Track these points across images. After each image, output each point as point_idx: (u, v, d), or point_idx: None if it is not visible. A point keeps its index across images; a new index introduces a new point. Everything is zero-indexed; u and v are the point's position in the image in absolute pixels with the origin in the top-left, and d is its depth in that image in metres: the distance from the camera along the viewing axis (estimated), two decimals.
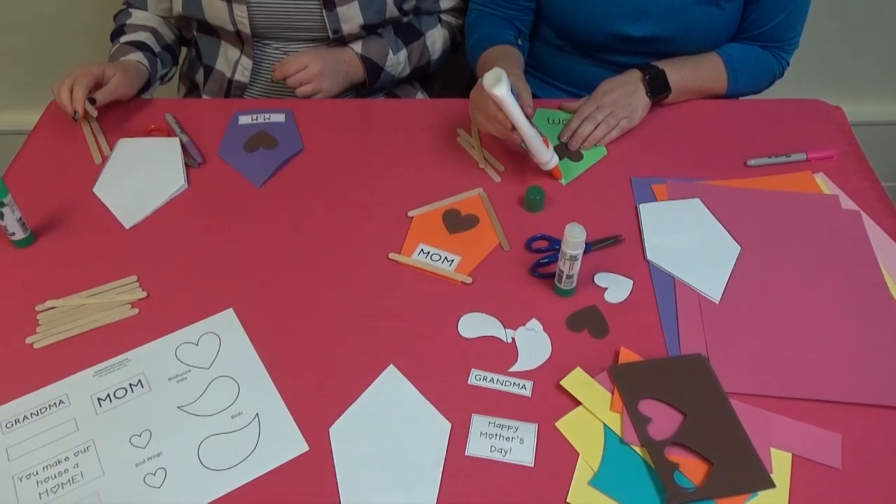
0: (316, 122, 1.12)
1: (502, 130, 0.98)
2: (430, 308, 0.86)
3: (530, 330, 0.83)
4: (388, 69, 1.22)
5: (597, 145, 1.07)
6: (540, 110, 1.13)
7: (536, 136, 0.97)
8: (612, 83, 1.10)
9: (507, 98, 0.92)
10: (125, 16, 1.23)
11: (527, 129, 0.95)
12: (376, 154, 1.07)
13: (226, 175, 1.04)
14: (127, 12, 1.23)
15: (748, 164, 1.03)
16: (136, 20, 1.22)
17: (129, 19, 1.22)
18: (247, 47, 1.18)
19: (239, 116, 1.12)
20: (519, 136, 0.96)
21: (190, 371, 0.80)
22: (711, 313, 0.85)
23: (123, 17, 1.23)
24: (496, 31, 1.18)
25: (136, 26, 1.21)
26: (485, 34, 1.19)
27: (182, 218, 0.97)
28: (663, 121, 1.11)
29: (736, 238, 0.93)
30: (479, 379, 0.79)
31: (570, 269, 0.83)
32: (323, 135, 1.10)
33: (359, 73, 1.21)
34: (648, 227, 0.95)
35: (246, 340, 0.82)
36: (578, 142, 1.07)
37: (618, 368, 0.78)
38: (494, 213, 0.98)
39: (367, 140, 1.09)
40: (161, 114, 1.13)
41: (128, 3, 1.24)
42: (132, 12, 1.23)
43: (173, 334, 0.83)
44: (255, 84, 1.24)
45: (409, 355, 0.81)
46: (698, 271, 0.89)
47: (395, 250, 0.92)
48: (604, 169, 1.04)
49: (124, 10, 1.24)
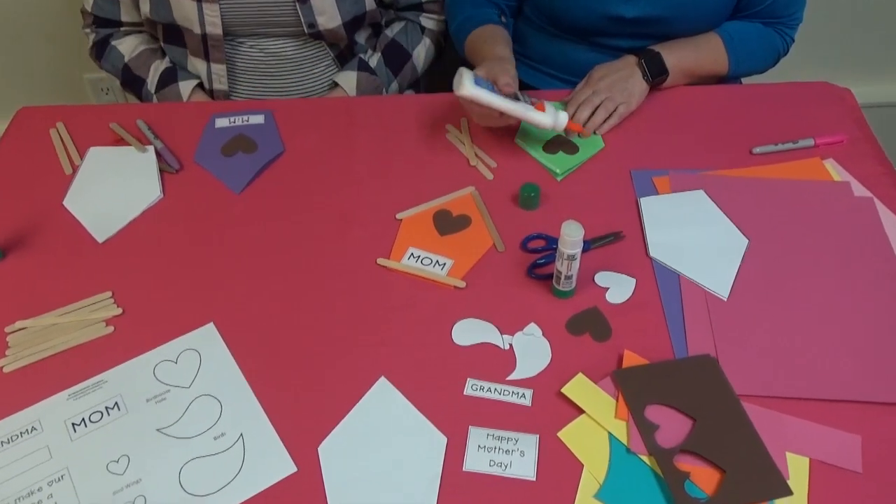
0: (297, 123, 1.11)
1: (496, 120, 1.00)
2: (422, 315, 0.85)
3: (528, 335, 0.83)
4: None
5: (595, 133, 1.06)
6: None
7: (526, 107, 0.98)
8: (607, 68, 1.10)
9: (475, 93, 0.94)
10: (99, 36, 1.24)
11: (514, 109, 0.97)
12: (361, 154, 1.06)
13: (203, 182, 1.03)
14: (99, 33, 1.24)
15: (754, 151, 1.03)
16: (124, 39, 1.24)
17: (116, 40, 1.24)
18: (214, 52, 1.18)
19: (216, 119, 1.12)
20: (511, 117, 0.98)
21: (169, 391, 0.79)
22: (719, 311, 0.84)
23: (102, 43, 1.24)
24: (478, 13, 1.19)
25: (133, 40, 1.23)
26: (467, 16, 1.19)
27: (158, 229, 0.97)
28: (663, 108, 1.11)
29: (743, 231, 0.92)
30: (476, 389, 0.78)
31: (568, 269, 0.82)
32: (304, 135, 1.09)
33: None
34: (650, 222, 0.94)
35: (228, 356, 0.82)
36: (576, 127, 1.06)
37: (622, 373, 0.78)
38: (487, 212, 0.97)
39: (351, 140, 1.09)
40: (132, 119, 1.12)
41: (98, 23, 1.24)
42: (112, 37, 1.24)
43: (151, 352, 0.82)
44: (235, 88, 1.24)
45: (401, 366, 0.80)
46: (704, 267, 0.88)
47: (384, 255, 0.92)
48: (601, 162, 1.04)
49: (94, 31, 1.25)
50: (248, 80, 1.24)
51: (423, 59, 1.30)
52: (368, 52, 1.26)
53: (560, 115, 1.01)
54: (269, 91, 1.25)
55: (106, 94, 1.86)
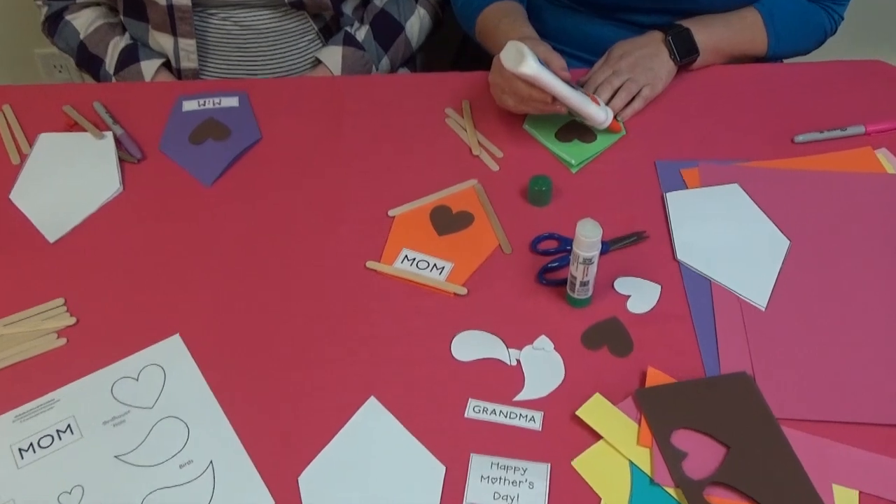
0: (276, 106, 1.11)
1: (542, 107, 1.00)
2: (418, 326, 0.85)
3: (539, 349, 0.83)
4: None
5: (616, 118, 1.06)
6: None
7: (583, 98, 1.00)
8: (629, 45, 1.10)
9: (539, 73, 0.94)
10: (52, 9, 1.24)
11: (572, 97, 0.98)
12: (349, 142, 1.06)
13: (169, 173, 1.03)
14: (52, 5, 1.24)
15: (796, 140, 1.03)
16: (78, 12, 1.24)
17: (70, 14, 1.24)
18: (182, 25, 1.18)
19: (183, 102, 1.12)
20: (563, 105, 0.99)
21: (129, 412, 0.79)
22: (757, 323, 0.84)
23: (55, 17, 1.24)
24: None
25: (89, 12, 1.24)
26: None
27: (117, 227, 0.97)
28: (692, 91, 1.11)
29: (784, 231, 0.92)
30: (479, 411, 0.78)
31: (584, 274, 0.82)
32: (284, 120, 1.09)
33: None
34: (678, 221, 0.94)
35: (196, 373, 0.82)
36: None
37: (645, 393, 0.78)
38: (492, 208, 0.97)
39: (336, 125, 1.09)
40: (89, 102, 1.12)
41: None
42: (66, 10, 1.24)
43: (108, 368, 0.82)
44: (206, 67, 1.24)
45: (393, 384, 0.80)
46: (740, 272, 0.88)
47: (374, 258, 0.92)
48: (622, 151, 1.04)
49: (46, 3, 1.25)
50: (220, 56, 1.24)
51: (418, 32, 1.29)
52: (356, 24, 1.26)
53: (609, 111, 1.03)
54: (243, 69, 1.25)
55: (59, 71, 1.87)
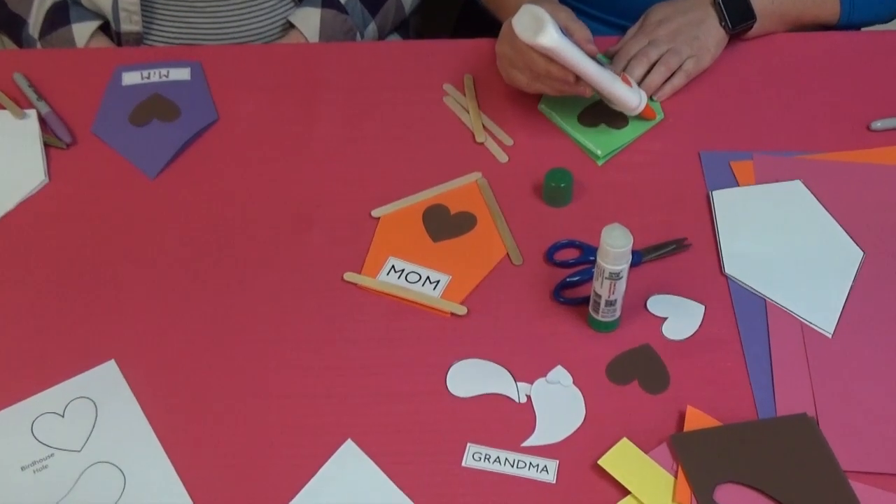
0: (236, 79, 1.12)
1: (563, 87, 0.99)
2: (406, 353, 0.85)
3: (554, 383, 0.83)
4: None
5: (651, 99, 1.06)
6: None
7: (613, 78, 0.99)
8: (669, 8, 1.10)
9: (560, 46, 0.93)
10: None
11: (600, 77, 0.97)
12: (325, 124, 1.06)
13: (104, 161, 1.03)
14: None
15: (872, 127, 1.03)
16: None
17: None
18: None
19: (123, 73, 1.12)
20: (587, 86, 0.99)
21: (53, 455, 0.79)
22: (822, 353, 0.84)
23: None
24: None
25: None
26: None
27: (41, 228, 0.97)
28: (745, 65, 1.11)
29: (856, 240, 0.93)
30: (479, 458, 0.78)
31: (610, 291, 0.82)
32: (246, 98, 1.09)
33: None
34: (726, 226, 0.94)
35: (135, 408, 0.82)
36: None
37: (683, 438, 0.78)
38: (499, 209, 0.97)
39: (310, 104, 1.09)
40: (8, 73, 1.12)
41: None
42: None
43: (28, 401, 0.82)
44: (152, 30, 1.24)
45: (375, 425, 0.80)
46: (801, 291, 0.88)
47: (354, 269, 0.92)
48: (659, 140, 1.04)
49: None
50: (169, 17, 1.24)
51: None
52: None
53: (643, 94, 1.02)
54: (198, 34, 1.25)
55: None
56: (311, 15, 1.24)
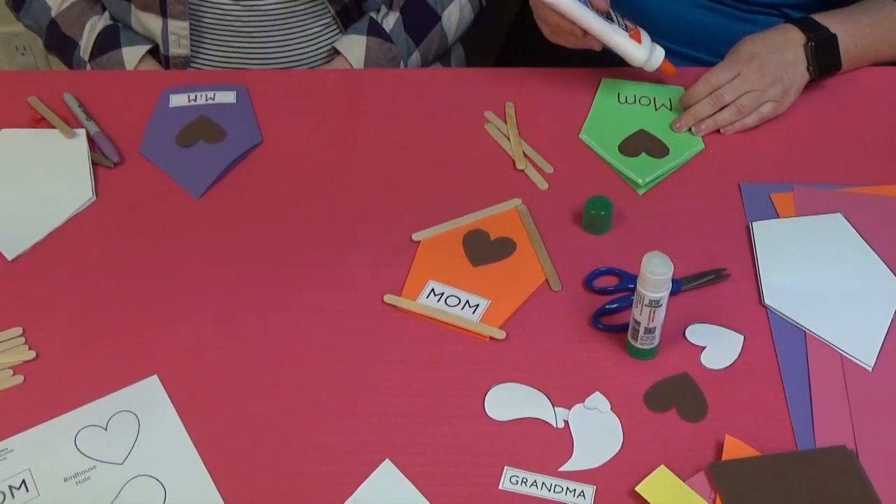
0: (280, 104, 1.13)
1: (574, 41, 1.04)
2: (445, 377, 0.86)
3: (591, 409, 0.83)
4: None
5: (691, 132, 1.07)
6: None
7: (620, 33, 1.03)
8: (762, 44, 1.08)
9: (560, 2, 0.99)
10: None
11: (602, 30, 1.02)
12: (366, 149, 1.08)
13: (150, 181, 1.05)
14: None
15: None
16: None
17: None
18: (174, 4, 1.20)
19: (170, 96, 1.14)
20: (595, 40, 1.03)
21: (95, 467, 0.80)
22: (862, 385, 0.83)
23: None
24: None
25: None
26: None
27: (87, 244, 0.98)
28: None
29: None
30: (516, 482, 0.78)
31: (649, 319, 0.82)
32: (290, 121, 1.11)
33: None
34: (766, 257, 0.94)
35: (177, 422, 0.82)
36: (687, 124, 1.07)
37: (721, 467, 0.77)
38: (538, 235, 0.98)
39: (353, 129, 1.10)
40: (58, 92, 1.14)
41: None
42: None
43: (72, 413, 0.83)
44: (199, 54, 1.27)
45: (414, 446, 0.81)
46: (842, 323, 0.88)
47: (394, 291, 0.93)
48: (700, 169, 1.04)
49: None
50: (217, 42, 1.26)
51: (457, 23, 1.31)
52: (382, 9, 1.28)
53: (656, 51, 1.05)
54: (244, 59, 1.27)
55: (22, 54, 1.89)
56: (356, 42, 1.25)
